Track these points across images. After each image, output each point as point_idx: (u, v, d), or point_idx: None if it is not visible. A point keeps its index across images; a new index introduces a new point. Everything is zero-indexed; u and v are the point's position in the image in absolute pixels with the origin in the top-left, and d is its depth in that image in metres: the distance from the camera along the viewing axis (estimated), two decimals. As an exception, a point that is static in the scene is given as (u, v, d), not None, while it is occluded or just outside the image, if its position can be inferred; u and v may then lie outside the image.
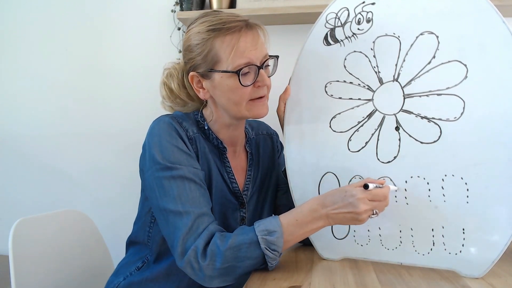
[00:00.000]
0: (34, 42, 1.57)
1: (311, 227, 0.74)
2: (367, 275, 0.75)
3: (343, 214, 0.72)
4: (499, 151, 0.71)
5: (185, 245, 0.72)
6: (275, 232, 0.72)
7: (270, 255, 0.71)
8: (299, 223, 0.73)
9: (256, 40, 0.79)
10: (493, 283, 0.70)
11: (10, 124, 1.60)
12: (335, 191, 0.74)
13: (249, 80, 0.78)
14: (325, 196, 0.74)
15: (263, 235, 0.71)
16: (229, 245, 0.70)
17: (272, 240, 0.71)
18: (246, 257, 0.71)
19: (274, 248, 0.71)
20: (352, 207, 0.71)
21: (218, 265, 0.70)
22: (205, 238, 0.72)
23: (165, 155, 0.77)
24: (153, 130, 0.81)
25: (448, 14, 0.75)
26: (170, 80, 0.88)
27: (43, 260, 0.93)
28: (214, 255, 0.70)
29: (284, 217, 0.75)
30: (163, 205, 0.75)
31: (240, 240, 0.71)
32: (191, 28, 0.82)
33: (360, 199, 0.70)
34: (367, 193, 0.71)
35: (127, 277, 0.87)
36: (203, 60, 0.79)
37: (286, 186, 0.93)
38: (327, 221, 0.74)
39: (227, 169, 0.88)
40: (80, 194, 1.58)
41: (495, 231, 0.71)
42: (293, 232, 0.73)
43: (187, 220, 0.73)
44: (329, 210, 0.73)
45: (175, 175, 0.76)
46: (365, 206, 0.70)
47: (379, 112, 0.81)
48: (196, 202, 0.75)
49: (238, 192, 0.89)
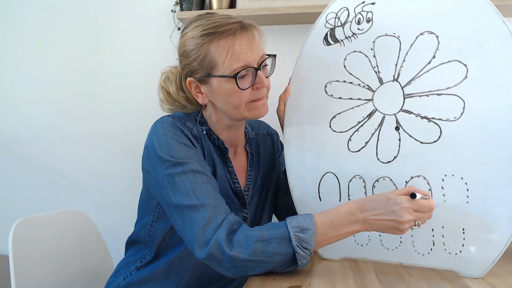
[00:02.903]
0: (34, 43, 1.57)
1: (346, 230, 0.70)
2: (367, 275, 0.75)
3: (384, 221, 0.69)
4: (499, 151, 0.71)
5: (205, 237, 0.69)
6: (309, 229, 0.69)
7: (301, 253, 0.69)
8: (333, 224, 0.70)
9: (252, 42, 0.78)
10: (493, 283, 0.70)
11: (11, 124, 1.60)
12: (376, 197, 0.71)
13: (247, 83, 0.78)
14: (365, 201, 0.71)
15: (296, 231, 0.68)
16: (258, 237, 0.68)
17: (305, 237, 0.68)
18: (276, 253, 0.68)
19: (306, 246, 0.68)
20: (395, 215, 0.68)
21: (245, 256, 0.67)
22: (227, 228, 0.69)
23: (172, 152, 0.76)
24: (157, 129, 0.80)
25: (448, 14, 0.75)
26: (168, 84, 0.87)
27: (43, 260, 0.93)
28: (242, 245, 0.68)
29: (319, 216, 0.72)
30: (177, 201, 0.73)
31: (271, 234, 0.69)
32: (186, 33, 0.81)
33: (405, 208, 0.67)
34: (413, 202, 0.68)
35: (127, 277, 0.87)
36: (199, 66, 0.79)
37: (286, 186, 0.93)
38: (363, 226, 0.71)
39: (230, 169, 0.88)
40: (80, 194, 1.58)
41: (495, 231, 0.71)
42: (327, 233, 0.70)
43: (204, 213, 0.71)
44: (368, 215, 0.70)
45: (186, 169, 0.74)
46: (409, 216, 0.67)
47: (379, 112, 0.81)
48: (210, 194, 0.74)
49: (240, 193, 0.89)
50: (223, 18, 0.78)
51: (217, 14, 0.81)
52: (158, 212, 0.84)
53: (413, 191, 0.69)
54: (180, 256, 0.83)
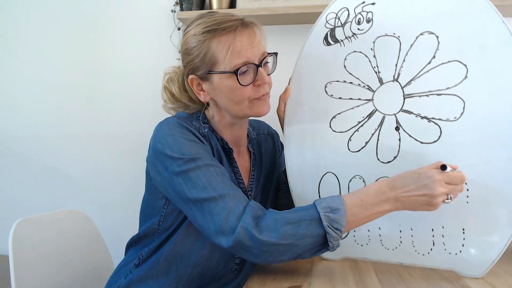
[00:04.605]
0: (33, 43, 1.57)
1: (377, 210, 0.69)
2: (367, 275, 0.75)
3: (416, 197, 0.67)
4: (499, 151, 0.71)
5: (229, 226, 0.68)
6: (339, 209, 0.68)
7: (333, 234, 0.67)
8: (364, 204, 0.69)
9: (253, 39, 0.78)
10: (493, 283, 0.70)
11: (11, 125, 1.61)
12: (405, 174, 0.69)
13: (248, 79, 0.78)
14: (395, 179, 0.70)
15: (326, 212, 0.68)
16: (288, 220, 0.67)
17: (336, 218, 0.67)
18: (306, 235, 0.67)
19: (337, 226, 0.67)
20: (428, 189, 0.66)
21: (275, 240, 0.66)
22: (251, 214, 0.69)
23: (183, 150, 0.75)
24: (163, 130, 0.79)
25: (448, 14, 0.75)
26: (171, 84, 0.87)
27: (43, 260, 0.93)
28: (271, 230, 0.66)
29: (348, 196, 0.71)
30: (194, 196, 0.72)
31: (300, 216, 0.68)
32: (188, 31, 0.81)
33: (437, 180, 0.66)
34: (444, 175, 0.66)
35: (127, 275, 0.87)
36: (201, 62, 0.79)
37: (287, 186, 0.93)
38: (395, 204, 0.69)
39: (235, 169, 0.88)
40: (80, 195, 1.58)
41: (495, 231, 0.72)
42: (357, 213, 0.69)
43: (224, 203, 0.70)
44: (399, 192, 0.68)
45: (200, 164, 0.74)
46: (442, 189, 0.66)
47: (379, 112, 0.81)
48: (227, 185, 0.73)
49: (245, 192, 0.89)
50: (225, 16, 0.79)
51: (219, 13, 0.82)
52: (165, 213, 0.84)
53: (443, 164, 0.67)
54: (181, 253, 0.83)
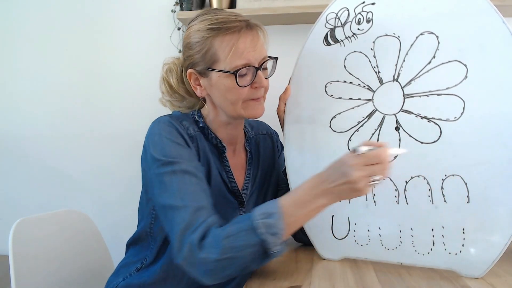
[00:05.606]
0: (33, 43, 1.57)
1: (314, 206, 0.67)
2: (367, 275, 0.75)
3: (339, 186, 0.65)
4: (499, 151, 0.71)
5: (181, 241, 0.68)
6: (274, 213, 0.66)
7: (270, 240, 0.65)
8: (300, 202, 0.67)
9: (256, 41, 0.78)
10: (493, 283, 0.70)
11: (11, 124, 1.60)
12: (331, 164, 0.67)
13: (246, 81, 0.78)
14: (323, 171, 0.68)
15: (262, 218, 0.66)
16: (226, 234, 0.66)
17: (271, 222, 0.65)
18: (246, 246, 0.65)
19: (274, 231, 0.65)
20: (345, 176, 0.63)
21: (215, 256, 0.65)
22: (201, 232, 0.67)
23: (165, 151, 0.76)
24: (153, 129, 0.81)
25: (448, 14, 0.75)
26: (170, 75, 0.88)
27: (43, 260, 0.93)
28: (211, 246, 0.65)
29: (284, 198, 0.69)
30: (163, 201, 0.73)
31: (238, 227, 0.67)
32: (192, 25, 0.82)
33: (351, 165, 0.63)
34: (359, 157, 0.63)
35: (126, 277, 0.87)
36: (201, 58, 0.80)
37: (286, 186, 0.93)
38: (328, 197, 0.67)
39: (226, 168, 0.88)
40: (80, 195, 1.58)
41: (495, 231, 0.72)
42: (294, 213, 0.67)
43: (185, 215, 0.69)
44: (326, 184, 0.66)
45: (176, 169, 0.74)
46: (358, 173, 0.62)
47: (379, 112, 0.81)
48: (196, 196, 0.73)
49: (237, 192, 0.89)
50: (231, 15, 0.79)
51: (225, 11, 0.82)
52: (155, 214, 0.84)
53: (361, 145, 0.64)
54: None
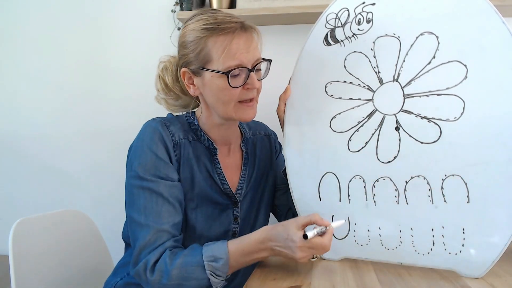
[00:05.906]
0: (33, 42, 1.57)
1: (256, 256, 0.75)
2: (367, 275, 0.75)
3: (284, 253, 0.73)
4: (499, 151, 0.71)
5: (138, 256, 0.75)
6: (221, 259, 0.74)
7: (215, 280, 0.74)
8: (245, 252, 0.75)
9: (249, 43, 0.79)
10: (493, 283, 0.70)
11: (10, 123, 1.60)
12: (280, 228, 0.74)
13: (238, 82, 0.78)
14: (272, 231, 0.75)
15: (209, 261, 0.73)
16: (176, 265, 0.73)
17: (218, 266, 0.73)
18: (192, 278, 0.73)
19: (219, 274, 0.74)
20: (291, 251, 0.72)
21: (164, 281, 0.73)
22: (157, 254, 0.74)
23: (141, 163, 0.80)
24: (139, 134, 0.84)
25: (448, 15, 0.75)
26: (165, 73, 0.89)
27: (43, 260, 0.93)
28: (162, 271, 0.73)
29: (233, 244, 0.76)
30: (129, 212, 0.79)
31: (188, 261, 0.73)
32: (188, 25, 0.82)
33: (298, 247, 0.71)
34: (306, 242, 0.71)
35: (124, 277, 0.87)
36: (195, 58, 0.80)
37: (285, 186, 0.93)
38: (270, 253, 0.75)
39: (218, 170, 0.88)
40: (80, 193, 1.58)
41: (495, 231, 0.72)
42: (239, 259, 0.75)
43: (146, 233, 0.75)
44: (272, 244, 0.74)
45: (145, 186, 0.78)
46: (302, 254, 0.72)
47: (379, 112, 0.81)
48: (159, 217, 0.77)
49: (230, 192, 0.89)
50: (226, 16, 0.79)
51: (221, 12, 0.83)
52: None
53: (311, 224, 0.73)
54: None
